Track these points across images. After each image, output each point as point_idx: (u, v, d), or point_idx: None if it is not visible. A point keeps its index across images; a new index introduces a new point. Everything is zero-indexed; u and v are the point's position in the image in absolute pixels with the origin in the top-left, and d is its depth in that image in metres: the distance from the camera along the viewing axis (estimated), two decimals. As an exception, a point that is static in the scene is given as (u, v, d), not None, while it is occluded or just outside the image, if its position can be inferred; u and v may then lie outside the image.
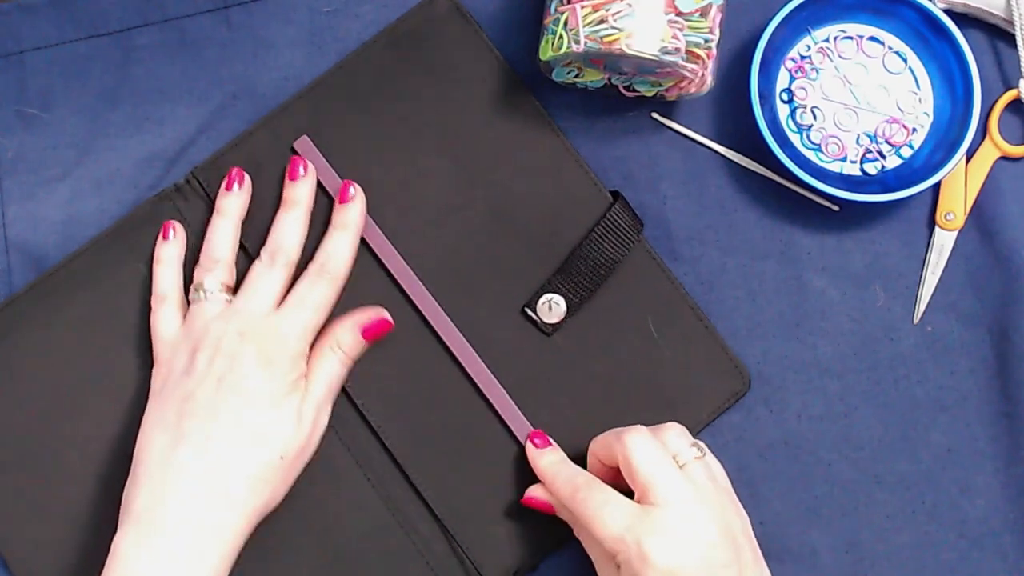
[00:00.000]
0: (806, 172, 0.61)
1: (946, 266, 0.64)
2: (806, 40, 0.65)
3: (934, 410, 0.63)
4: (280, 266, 0.59)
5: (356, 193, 0.61)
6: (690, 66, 0.57)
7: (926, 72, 0.65)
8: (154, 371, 0.59)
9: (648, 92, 0.63)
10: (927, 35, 0.64)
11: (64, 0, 0.65)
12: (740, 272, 0.64)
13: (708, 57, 0.58)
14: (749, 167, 0.65)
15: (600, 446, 0.57)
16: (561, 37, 0.57)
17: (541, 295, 0.61)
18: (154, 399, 0.58)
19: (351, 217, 0.61)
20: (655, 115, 0.65)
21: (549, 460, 0.58)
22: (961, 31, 0.62)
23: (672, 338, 0.61)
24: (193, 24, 0.66)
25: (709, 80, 0.60)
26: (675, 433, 0.55)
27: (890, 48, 0.65)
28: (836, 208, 0.64)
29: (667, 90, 0.62)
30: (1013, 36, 0.64)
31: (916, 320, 0.64)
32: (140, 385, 0.61)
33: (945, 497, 0.62)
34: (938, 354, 0.64)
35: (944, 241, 0.64)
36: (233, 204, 0.61)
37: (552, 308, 0.61)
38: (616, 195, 0.63)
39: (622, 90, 0.64)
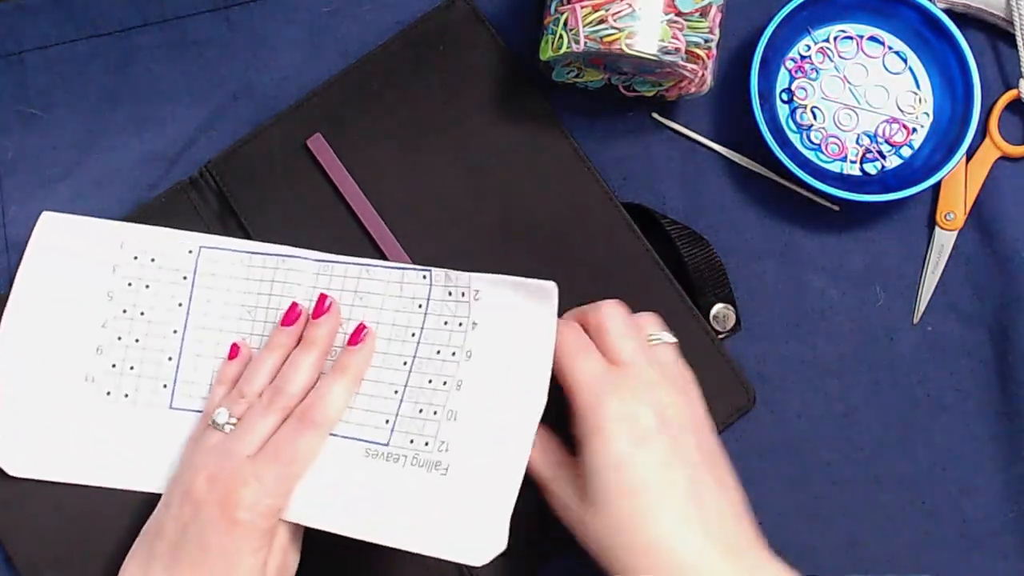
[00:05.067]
0: (806, 172, 0.61)
1: (946, 266, 0.64)
2: (806, 40, 0.65)
3: (934, 410, 0.63)
4: (277, 410, 0.55)
5: (367, 338, 0.58)
6: (690, 66, 0.57)
7: (926, 72, 0.65)
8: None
9: (648, 92, 0.63)
10: (927, 35, 0.64)
11: (64, 0, 0.66)
12: (740, 272, 0.64)
13: (708, 57, 0.58)
14: (749, 167, 0.65)
15: (577, 312, 0.56)
16: (561, 37, 0.57)
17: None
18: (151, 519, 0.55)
19: (355, 362, 0.57)
20: (655, 115, 0.65)
21: None
22: (961, 31, 0.62)
23: (683, 353, 0.61)
24: (193, 24, 0.66)
25: (709, 80, 0.60)
26: (651, 317, 0.56)
27: (890, 48, 0.65)
28: (836, 208, 0.64)
29: (667, 90, 0.62)
30: (1013, 36, 0.64)
31: (916, 320, 0.64)
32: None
33: (945, 497, 0.62)
34: (938, 354, 0.64)
35: (944, 241, 0.64)
36: (291, 340, 0.58)
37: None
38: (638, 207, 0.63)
39: (622, 90, 0.64)
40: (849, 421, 0.63)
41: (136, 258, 0.61)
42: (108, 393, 0.60)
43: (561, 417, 0.54)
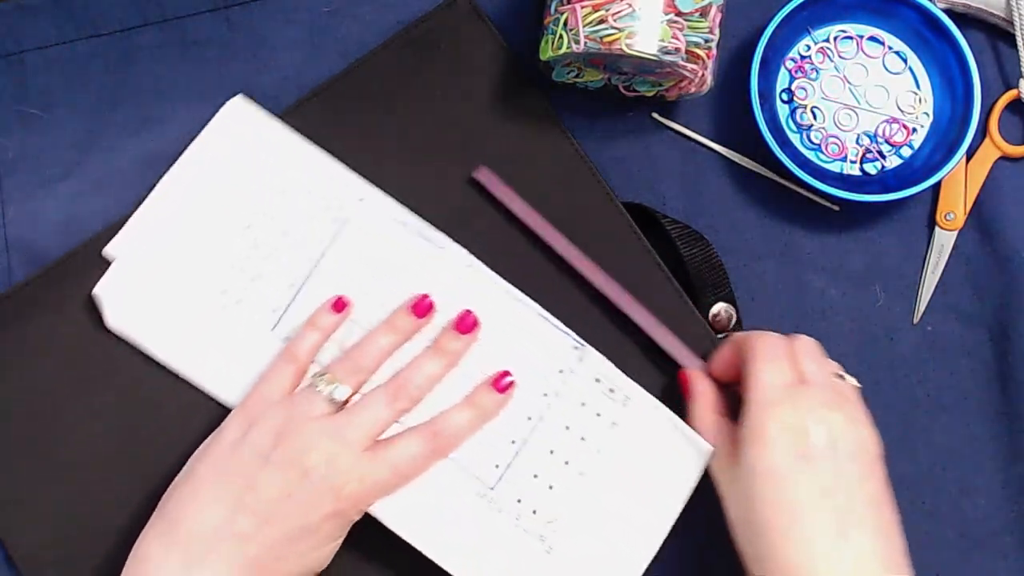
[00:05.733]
0: (806, 172, 0.61)
1: (946, 266, 0.64)
2: (806, 40, 0.65)
3: (934, 410, 0.63)
4: (397, 410, 0.56)
5: (509, 389, 0.57)
6: (690, 66, 0.57)
7: (926, 72, 0.65)
8: (232, 413, 0.56)
9: (648, 92, 0.63)
10: (927, 35, 0.64)
11: (64, 0, 0.66)
12: (740, 272, 0.64)
13: (708, 57, 0.58)
14: (749, 167, 0.65)
15: (776, 334, 0.57)
16: (561, 37, 0.57)
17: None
18: (220, 444, 0.55)
19: (490, 405, 0.57)
20: (655, 115, 0.65)
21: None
22: (961, 31, 0.62)
23: None
24: (193, 24, 0.66)
25: (709, 80, 0.60)
26: (808, 348, 0.56)
27: (890, 48, 0.65)
28: (836, 208, 0.64)
29: (667, 90, 0.62)
30: (1013, 36, 0.64)
31: (916, 320, 0.64)
32: (144, 377, 0.61)
33: (945, 497, 0.62)
34: (938, 354, 0.64)
35: (944, 241, 0.64)
36: (411, 329, 0.58)
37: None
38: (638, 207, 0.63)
39: (622, 90, 0.64)
40: (849, 421, 0.63)
41: (301, 179, 0.61)
42: (224, 291, 0.60)
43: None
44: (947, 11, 0.64)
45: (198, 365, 0.60)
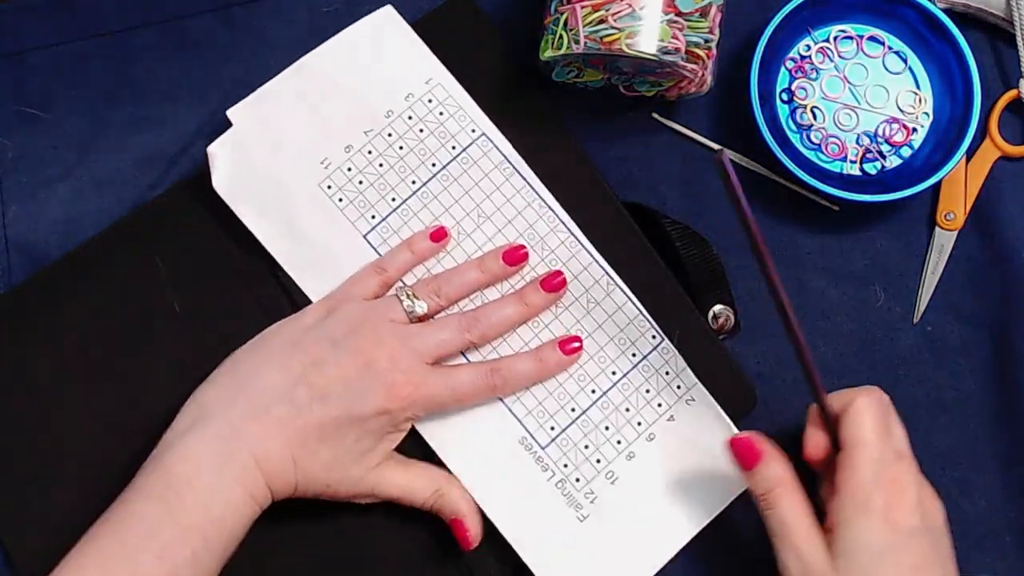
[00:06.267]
0: (806, 172, 0.61)
1: (946, 266, 0.64)
2: (806, 40, 0.65)
3: (934, 410, 0.63)
4: (467, 340, 0.58)
5: (574, 352, 0.59)
6: (690, 66, 0.57)
7: (926, 72, 0.65)
8: (315, 303, 0.60)
9: (648, 92, 0.63)
10: (927, 35, 0.64)
11: (64, 0, 0.66)
12: (740, 272, 0.64)
13: (708, 57, 0.58)
14: (749, 167, 0.65)
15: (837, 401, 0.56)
16: (561, 37, 0.57)
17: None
18: (296, 324, 0.58)
19: (555, 363, 0.59)
20: (655, 115, 0.65)
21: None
22: (961, 31, 0.62)
23: (683, 353, 0.61)
24: (193, 24, 0.66)
25: (709, 80, 0.60)
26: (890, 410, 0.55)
27: (890, 48, 0.65)
28: (836, 208, 0.64)
29: (667, 90, 0.62)
30: (1013, 36, 0.64)
31: (916, 320, 0.64)
32: (144, 377, 0.61)
33: (945, 497, 0.62)
34: (938, 354, 0.64)
35: (944, 241, 0.64)
36: (500, 273, 0.60)
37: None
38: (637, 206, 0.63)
39: (622, 90, 0.64)
40: (849, 421, 0.63)
41: (431, 100, 0.62)
42: (329, 187, 0.61)
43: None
44: (947, 11, 0.64)
45: (286, 250, 0.61)
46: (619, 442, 0.59)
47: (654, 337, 0.60)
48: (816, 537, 0.52)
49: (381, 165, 0.62)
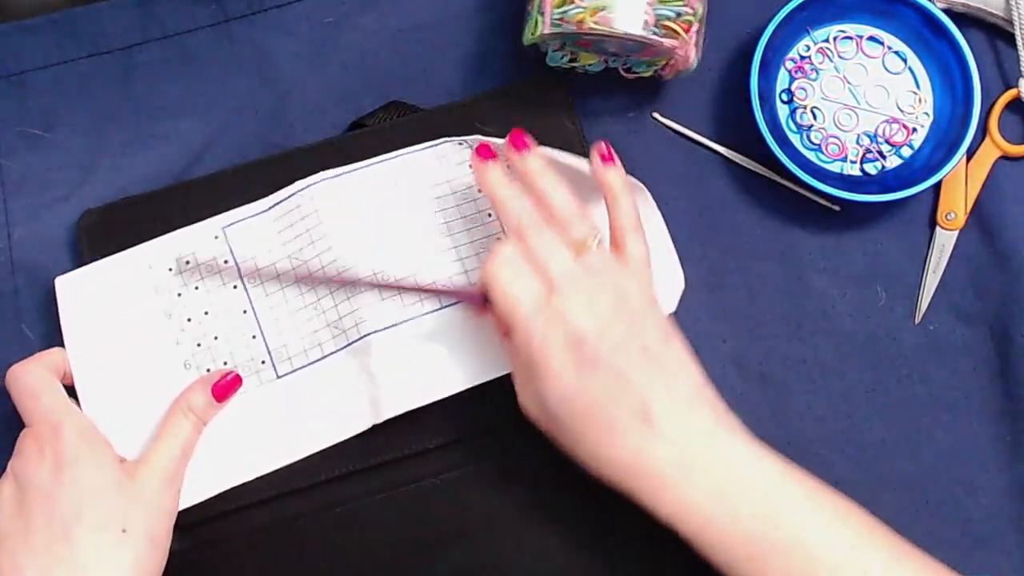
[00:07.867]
0: (806, 172, 0.61)
1: (947, 266, 0.64)
2: (806, 40, 0.65)
3: (936, 409, 0.63)
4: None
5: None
6: (667, 42, 0.57)
7: (926, 72, 0.65)
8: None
9: (646, 72, 0.63)
10: (927, 35, 0.64)
11: (64, 19, 0.65)
12: (741, 272, 0.64)
13: (686, 31, 0.58)
14: (749, 167, 0.65)
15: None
16: (537, 21, 0.58)
17: None
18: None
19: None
20: (656, 115, 0.65)
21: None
22: (961, 31, 0.62)
23: None
24: (194, 39, 0.66)
25: (693, 57, 0.59)
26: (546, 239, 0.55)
27: (890, 48, 0.65)
28: (836, 208, 0.64)
29: (662, 69, 0.62)
30: (1013, 36, 0.64)
31: (918, 320, 0.64)
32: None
33: (948, 496, 0.62)
34: (940, 353, 0.64)
35: (945, 241, 0.64)
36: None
37: None
38: None
39: (622, 72, 0.63)
40: (851, 421, 0.63)
41: (171, 269, 0.61)
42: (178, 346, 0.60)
43: None
44: (947, 11, 0.64)
45: (271, 455, 0.60)
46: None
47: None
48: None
49: (216, 338, 0.60)
